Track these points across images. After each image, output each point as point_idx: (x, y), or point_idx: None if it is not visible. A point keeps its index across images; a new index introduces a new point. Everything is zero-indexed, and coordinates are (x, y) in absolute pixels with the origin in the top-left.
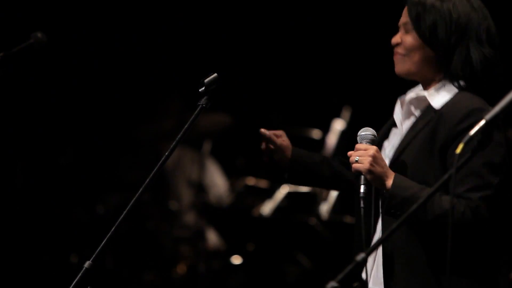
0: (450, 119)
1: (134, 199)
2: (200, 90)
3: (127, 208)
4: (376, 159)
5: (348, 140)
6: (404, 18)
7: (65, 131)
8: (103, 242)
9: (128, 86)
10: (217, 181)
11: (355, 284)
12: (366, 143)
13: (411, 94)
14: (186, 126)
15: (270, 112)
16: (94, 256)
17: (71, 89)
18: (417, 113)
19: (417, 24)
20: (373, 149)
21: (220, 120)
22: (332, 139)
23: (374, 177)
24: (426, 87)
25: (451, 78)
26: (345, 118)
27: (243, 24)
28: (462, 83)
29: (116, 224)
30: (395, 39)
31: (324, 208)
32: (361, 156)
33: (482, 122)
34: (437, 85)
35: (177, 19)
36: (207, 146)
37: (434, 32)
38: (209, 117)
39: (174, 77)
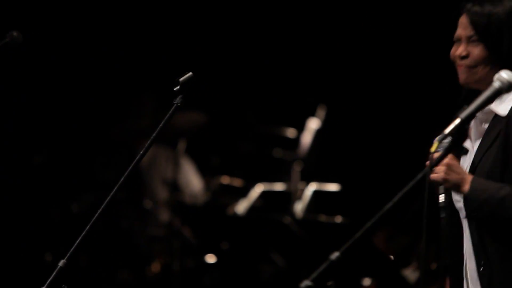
0: None
1: (109, 197)
2: (175, 89)
3: (102, 207)
4: (450, 167)
5: (323, 139)
6: (467, 30)
7: (39, 130)
8: (78, 241)
9: (103, 85)
10: (192, 180)
11: (329, 283)
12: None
13: (478, 115)
14: (161, 125)
15: (245, 111)
16: (68, 254)
17: (46, 88)
18: (485, 126)
19: (485, 37)
20: (447, 157)
21: (195, 119)
22: (307, 138)
23: (451, 185)
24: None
25: None
26: (320, 117)
27: (218, 22)
28: None
29: (90, 223)
30: (461, 51)
31: (299, 207)
32: (438, 170)
33: (457, 121)
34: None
35: (151, 17)
36: (182, 145)
37: (501, 42)
38: (184, 116)
39: (149, 76)
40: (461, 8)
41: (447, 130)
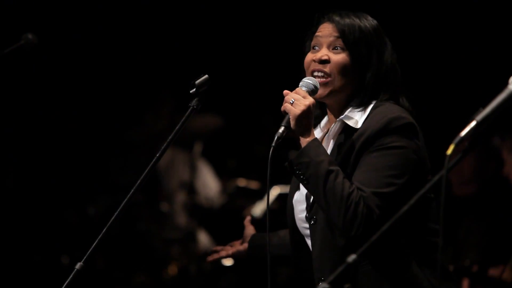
0: (370, 130)
1: (125, 200)
2: (190, 92)
3: (119, 209)
4: (309, 112)
5: None
6: (332, 38)
7: (56, 133)
8: (94, 244)
9: (120, 87)
10: (208, 183)
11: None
12: (307, 92)
13: (335, 127)
14: (177, 128)
15: (262, 114)
16: (85, 257)
17: (64, 91)
18: (335, 139)
19: (354, 48)
20: (311, 101)
21: (211, 121)
22: None
23: (298, 127)
24: (337, 108)
25: (370, 95)
26: None
27: (235, 24)
28: (379, 97)
29: (107, 225)
30: (322, 54)
31: None
32: (297, 100)
33: (473, 123)
34: (353, 107)
35: (169, 20)
36: (198, 148)
37: (369, 57)
38: (200, 118)
39: (165, 79)
40: (321, 17)
41: (463, 133)
